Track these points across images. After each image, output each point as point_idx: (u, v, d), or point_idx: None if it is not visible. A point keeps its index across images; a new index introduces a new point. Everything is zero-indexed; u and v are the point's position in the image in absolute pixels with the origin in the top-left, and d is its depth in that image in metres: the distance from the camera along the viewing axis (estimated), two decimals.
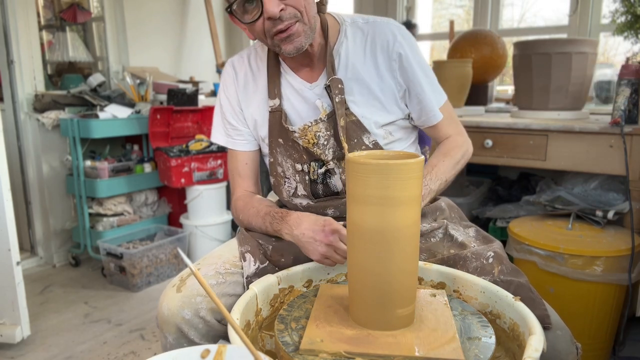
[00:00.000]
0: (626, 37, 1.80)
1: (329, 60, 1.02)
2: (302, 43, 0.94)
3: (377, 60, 1.02)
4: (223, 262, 1.00)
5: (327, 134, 1.02)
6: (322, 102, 1.03)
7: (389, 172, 0.65)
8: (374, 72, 1.03)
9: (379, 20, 1.05)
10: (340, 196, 1.06)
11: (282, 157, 1.07)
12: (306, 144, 1.03)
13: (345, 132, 1.00)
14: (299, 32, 0.92)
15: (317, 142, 1.02)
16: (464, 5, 3.08)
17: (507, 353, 0.74)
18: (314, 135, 1.02)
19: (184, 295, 0.92)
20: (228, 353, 0.60)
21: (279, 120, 1.05)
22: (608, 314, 1.60)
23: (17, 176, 2.70)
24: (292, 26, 0.91)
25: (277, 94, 1.06)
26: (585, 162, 1.69)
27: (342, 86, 1.00)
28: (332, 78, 1.00)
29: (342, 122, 0.99)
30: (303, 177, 1.06)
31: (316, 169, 1.05)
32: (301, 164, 1.06)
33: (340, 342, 0.67)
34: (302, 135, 1.02)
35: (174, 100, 2.71)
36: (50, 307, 2.27)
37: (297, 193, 1.08)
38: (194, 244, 2.69)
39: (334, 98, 0.99)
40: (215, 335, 0.95)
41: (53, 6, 3.10)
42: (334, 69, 1.02)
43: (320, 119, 1.02)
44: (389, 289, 0.69)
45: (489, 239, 1.02)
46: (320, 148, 1.03)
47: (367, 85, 1.02)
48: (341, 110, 1.00)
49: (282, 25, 0.90)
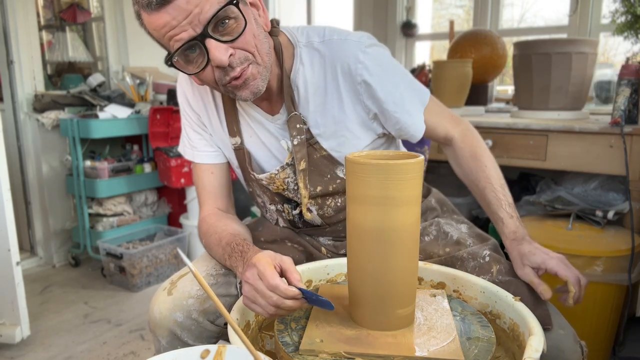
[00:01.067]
0: (626, 37, 1.80)
1: (287, 93, 0.91)
2: (259, 87, 0.84)
3: (340, 86, 0.90)
4: (215, 263, 0.99)
5: (297, 178, 0.95)
6: (287, 143, 0.94)
7: (389, 172, 0.65)
8: (337, 100, 0.91)
9: (336, 38, 0.91)
10: (322, 227, 1.02)
11: (259, 190, 1.02)
12: (276, 190, 0.98)
13: (317, 167, 0.94)
14: (254, 75, 0.82)
15: (287, 187, 0.97)
16: (464, 5, 3.08)
17: (507, 353, 0.74)
18: (282, 182, 0.96)
19: (175, 298, 0.92)
20: (228, 353, 0.60)
21: (244, 160, 0.98)
22: (608, 314, 1.60)
23: (17, 176, 2.70)
24: (246, 70, 0.80)
25: (237, 132, 0.97)
26: (585, 162, 1.69)
27: (302, 125, 0.91)
28: (291, 116, 0.91)
29: (302, 165, 0.92)
30: (280, 214, 1.04)
31: (290, 210, 1.01)
32: (274, 205, 1.02)
33: (340, 342, 0.67)
34: (270, 183, 0.97)
35: (174, 100, 2.71)
36: (50, 307, 2.27)
37: (278, 223, 1.07)
38: (193, 244, 2.69)
39: (292, 140, 0.91)
40: (208, 337, 0.95)
41: (53, 6, 3.10)
42: (293, 103, 0.92)
43: (286, 164, 0.94)
44: (388, 289, 0.69)
45: (484, 237, 1.01)
46: (292, 192, 0.98)
47: (332, 115, 0.92)
48: (301, 153, 0.91)
49: (235, 72, 0.79)
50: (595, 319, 1.59)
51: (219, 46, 0.76)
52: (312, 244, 1.06)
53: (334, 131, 0.93)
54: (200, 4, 0.73)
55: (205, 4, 0.73)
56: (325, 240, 1.07)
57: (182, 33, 0.75)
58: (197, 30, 0.75)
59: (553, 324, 0.81)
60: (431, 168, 2.32)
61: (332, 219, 1.01)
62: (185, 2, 0.72)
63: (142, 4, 0.73)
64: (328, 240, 1.06)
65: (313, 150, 0.93)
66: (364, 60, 0.88)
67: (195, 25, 0.74)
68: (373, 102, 0.92)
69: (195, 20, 0.74)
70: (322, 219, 1.00)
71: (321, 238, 1.07)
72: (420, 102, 0.97)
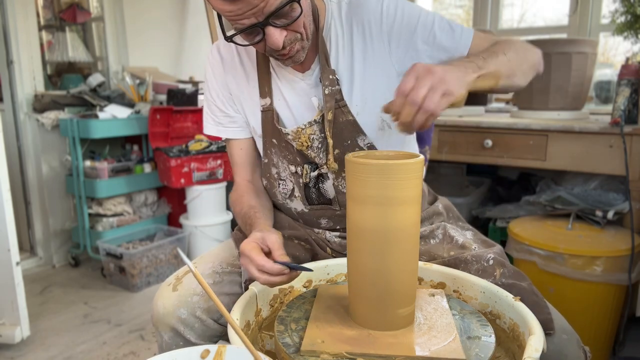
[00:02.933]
0: (626, 37, 1.80)
1: (322, 50, 0.95)
2: (301, 57, 0.91)
3: (373, 40, 0.94)
4: (220, 261, 0.99)
5: (322, 136, 0.96)
6: (318, 100, 0.97)
7: (389, 172, 0.65)
8: (370, 54, 0.95)
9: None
10: (333, 206, 1.01)
11: (277, 157, 1.03)
12: (300, 147, 0.98)
13: (340, 131, 0.96)
14: (298, 50, 0.89)
15: (310, 144, 0.97)
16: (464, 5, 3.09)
17: (507, 353, 0.74)
18: (307, 138, 0.97)
19: (180, 294, 0.92)
20: (228, 353, 0.60)
21: (271, 120, 1.00)
22: (608, 314, 1.60)
23: (17, 176, 2.70)
24: (294, 47, 0.87)
25: (268, 92, 1.00)
26: (585, 162, 1.69)
27: (334, 77, 0.94)
28: (324, 70, 0.94)
29: (330, 115, 0.94)
30: (297, 179, 1.02)
31: (309, 172, 1.00)
32: (295, 166, 1.02)
33: (341, 342, 0.67)
34: (296, 138, 0.97)
35: (174, 100, 2.71)
36: (49, 307, 2.27)
37: (293, 195, 1.04)
38: (193, 244, 2.69)
39: (323, 90, 0.94)
40: (211, 335, 0.95)
41: (52, 6, 3.10)
42: (327, 59, 0.95)
43: (314, 120, 0.96)
44: (389, 288, 0.69)
45: (489, 243, 1.00)
46: (315, 151, 0.98)
47: (361, 75, 0.95)
48: (330, 103, 0.94)
49: (285, 50, 0.86)
50: (595, 318, 1.59)
51: (276, 32, 0.82)
52: (318, 243, 1.06)
53: (364, 93, 0.96)
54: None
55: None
56: (332, 236, 1.05)
57: (244, 20, 0.79)
58: (259, 19, 0.79)
59: (556, 328, 0.80)
60: (431, 168, 2.32)
61: (343, 197, 1.00)
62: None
63: None
64: (335, 236, 1.05)
65: (340, 112, 0.95)
66: (389, 4, 0.93)
67: (259, 15, 0.78)
68: (408, 48, 0.93)
69: (259, 12, 0.78)
70: (336, 193, 0.99)
71: (328, 233, 1.05)
72: (464, 36, 0.93)
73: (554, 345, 0.77)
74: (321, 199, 1.02)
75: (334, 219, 1.03)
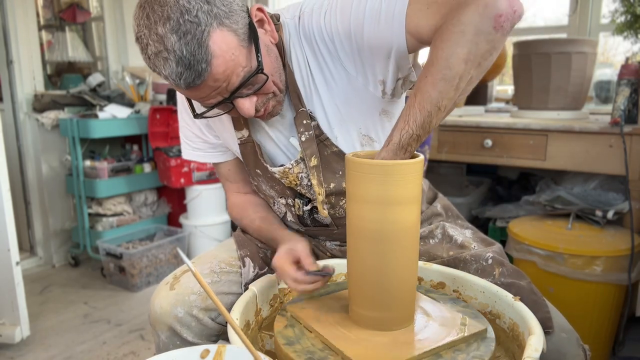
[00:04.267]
0: (626, 36, 1.80)
1: (293, 91, 0.88)
2: (279, 110, 0.87)
3: (321, 61, 0.86)
4: (219, 261, 0.99)
5: (308, 173, 0.92)
6: (296, 140, 0.92)
7: (389, 172, 0.65)
8: (328, 74, 0.87)
9: (293, 9, 0.89)
10: (331, 227, 1.00)
11: (265, 186, 1.00)
12: (289, 184, 0.95)
13: (329, 164, 0.91)
14: (275, 106, 0.85)
15: (300, 182, 0.94)
16: None
17: (506, 353, 0.74)
18: (296, 177, 0.93)
19: (178, 293, 0.92)
20: (227, 353, 0.60)
21: (253, 153, 0.95)
22: (608, 313, 1.60)
23: (17, 176, 2.70)
24: (268, 106, 0.84)
25: (244, 124, 0.94)
26: (585, 162, 1.69)
27: (309, 121, 0.88)
28: (299, 113, 0.88)
29: (313, 161, 0.89)
30: (290, 208, 1.01)
31: (301, 206, 0.98)
32: (285, 199, 0.99)
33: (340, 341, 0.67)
34: (283, 177, 0.94)
35: (174, 100, 2.70)
36: (49, 307, 2.26)
37: (286, 219, 1.04)
38: (193, 244, 2.69)
39: (300, 137, 0.89)
40: (209, 334, 0.94)
41: (52, 6, 3.10)
42: (300, 100, 0.89)
43: (300, 158, 0.91)
44: (388, 288, 0.69)
45: (488, 242, 1.00)
46: (305, 188, 0.94)
47: (329, 99, 0.88)
48: (311, 149, 0.89)
49: (260, 113, 0.84)
50: (594, 318, 1.59)
51: (245, 101, 0.79)
52: (319, 248, 1.06)
53: (339, 120, 0.89)
54: (227, 78, 0.74)
55: (232, 76, 0.74)
56: (332, 245, 1.05)
57: (211, 100, 0.78)
58: (225, 96, 0.77)
59: (555, 327, 0.80)
60: (431, 168, 2.32)
61: (342, 220, 0.98)
62: (213, 80, 0.73)
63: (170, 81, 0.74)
64: (335, 244, 1.05)
65: (323, 146, 0.91)
66: (323, 15, 0.83)
67: (224, 93, 0.77)
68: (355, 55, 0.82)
69: (224, 91, 0.76)
70: (333, 219, 0.98)
71: (328, 243, 1.05)
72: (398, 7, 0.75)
73: (553, 343, 0.77)
74: (316, 224, 1.02)
75: (332, 236, 1.04)
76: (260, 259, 1.01)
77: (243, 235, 1.06)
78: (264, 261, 1.01)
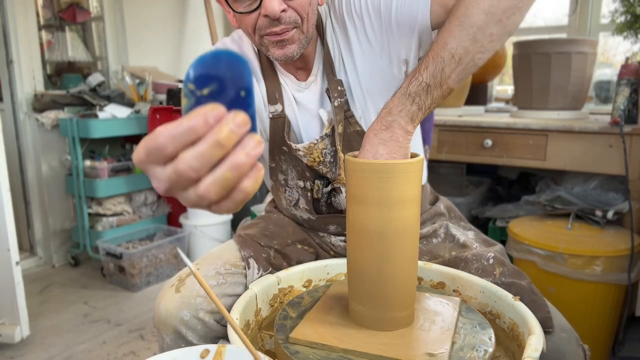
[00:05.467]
0: (626, 36, 1.80)
1: (327, 59, 0.91)
2: (294, 52, 0.84)
3: (352, 37, 0.88)
4: (223, 262, 0.99)
5: (333, 150, 0.93)
6: (327, 112, 0.92)
7: (389, 172, 0.65)
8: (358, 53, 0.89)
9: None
10: (344, 214, 0.99)
11: (286, 165, 0.98)
12: (311, 163, 0.94)
13: (349, 142, 0.92)
14: (293, 40, 0.83)
15: (323, 160, 0.93)
16: None
17: (506, 353, 0.74)
18: (320, 154, 0.92)
19: (183, 296, 0.91)
20: (227, 353, 0.60)
21: (281, 129, 0.94)
22: (607, 313, 1.60)
23: (17, 176, 2.70)
24: (288, 32, 0.81)
25: (279, 99, 0.94)
26: (585, 162, 1.69)
27: (342, 88, 0.90)
28: (332, 81, 0.90)
29: (340, 128, 0.89)
30: (305, 193, 0.99)
31: (321, 187, 0.96)
32: (303, 181, 0.98)
33: (337, 339, 0.67)
34: (307, 154, 0.93)
35: (174, 100, 2.70)
36: (49, 307, 2.26)
37: (298, 205, 1.02)
38: (193, 244, 2.69)
39: (332, 102, 0.89)
40: (214, 337, 0.94)
41: (52, 6, 3.10)
42: (332, 69, 0.91)
43: (326, 134, 0.91)
44: (388, 288, 0.69)
45: (490, 243, 1.00)
46: (327, 166, 0.94)
47: (356, 79, 0.90)
48: (340, 116, 0.89)
49: (278, 28, 0.80)
50: (594, 318, 1.59)
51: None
52: (321, 246, 1.06)
53: (366, 100, 0.91)
54: None
55: None
56: (338, 240, 1.04)
57: None
58: None
59: (555, 326, 0.80)
60: (431, 168, 2.32)
61: None
62: None
63: None
64: (340, 240, 1.04)
65: (348, 123, 0.90)
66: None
67: None
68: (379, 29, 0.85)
69: None
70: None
71: (333, 238, 1.05)
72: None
73: (553, 343, 0.77)
74: (331, 210, 1.01)
75: (343, 225, 1.02)
76: (264, 259, 1.01)
77: (244, 234, 1.06)
78: (267, 262, 1.01)
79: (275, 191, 1.06)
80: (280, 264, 1.00)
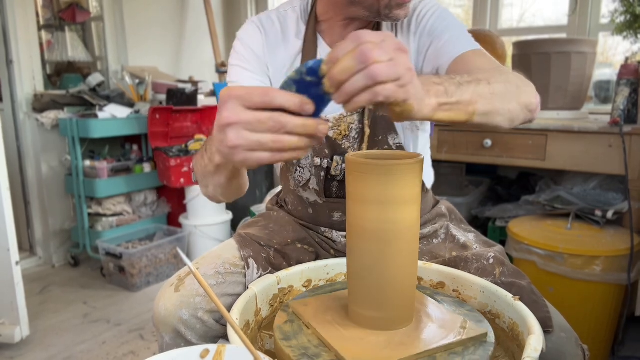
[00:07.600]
0: (625, 36, 1.80)
1: (387, 27, 0.96)
2: (408, 11, 0.91)
3: (410, 35, 0.95)
4: (223, 262, 0.99)
5: (360, 126, 0.94)
6: None
7: (389, 172, 0.65)
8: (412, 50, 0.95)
9: None
10: None
11: None
12: (336, 136, 0.95)
13: (375, 125, 0.93)
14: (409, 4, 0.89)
15: (348, 134, 0.95)
16: (464, 5, 3.08)
17: (506, 353, 0.74)
18: (347, 127, 0.94)
19: (182, 295, 0.91)
20: (227, 353, 0.60)
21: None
22: (607, 313, 1.60)
23: (16, 176, 2.70)
24: None
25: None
26: (585, 162, 1.69)
27: None
28: None
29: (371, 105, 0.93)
30: (318, 172, 0.99)
31: (340, 164, 0.97)
32: (320, 158, 0.98)
33: (338, 341, 0.67)
34: (335, 126, 0.95)
35: (173, 100, 2.71)
36: (49, 307, 2.26)
37: (307, 185, 1.01)
38: (193, 243, 2.69)
39: None
40: (213, 336, 0.94)
41: (52, 6, 3.10)
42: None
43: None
44: (387, 288, 0.69)
45: (490, 244, 1.01)
46: (350, 141, 0.95)
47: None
48: None
49: None
50: (594, 318, 1.59)
51: None
52: (322, 245, 1.05)
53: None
54: None
55: None
56: (339, 235, 1.04)
57: None
58: None
59: (555, 326, 0.80)
60: None
61: None
62: None
63: None
64: (342, 236, 1.03)
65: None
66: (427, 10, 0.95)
67: None
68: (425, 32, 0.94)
69: None
70: None
71: (335, 232, 1.04)
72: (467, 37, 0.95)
73: (552, 343, 0.77)
74: (342, 192, 1.00)
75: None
76: (263, 259, 1.00)
77: (243, 234, 1.06)
78: (267, 262, 1.01)
79: (285, 172, 1.05)
80: (280, 264, 1.00)
